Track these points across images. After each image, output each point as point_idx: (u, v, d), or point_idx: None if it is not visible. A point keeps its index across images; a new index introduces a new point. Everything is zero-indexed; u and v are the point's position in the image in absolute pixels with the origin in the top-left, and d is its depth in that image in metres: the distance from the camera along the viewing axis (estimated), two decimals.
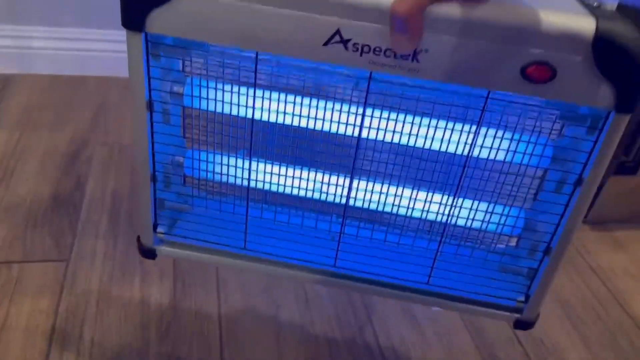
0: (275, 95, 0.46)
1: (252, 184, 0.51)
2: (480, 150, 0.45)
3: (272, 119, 0.47)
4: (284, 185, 0.51)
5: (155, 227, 0.51)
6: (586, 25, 0.37)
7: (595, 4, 0.39)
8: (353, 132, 0.46)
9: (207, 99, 0.46)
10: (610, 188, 1.03)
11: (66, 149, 1.06)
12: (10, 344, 0.69)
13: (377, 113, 0.45)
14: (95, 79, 1.30)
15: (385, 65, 0.40)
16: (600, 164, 0.42)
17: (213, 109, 0.47)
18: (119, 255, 0.83)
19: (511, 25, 0.37)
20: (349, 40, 0.39)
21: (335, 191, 0.50)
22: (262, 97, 0.45)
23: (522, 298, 0.50)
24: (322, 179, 0.50)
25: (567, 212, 0.45)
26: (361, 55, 0.39)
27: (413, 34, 0.37)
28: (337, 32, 0.39)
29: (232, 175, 0.50)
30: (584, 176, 0.43)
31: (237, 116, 0.47)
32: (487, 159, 0.46)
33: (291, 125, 0.47)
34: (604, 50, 0.37)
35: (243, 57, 0.44)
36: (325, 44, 0.39)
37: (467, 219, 0.49)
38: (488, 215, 0.49)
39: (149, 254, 0.53)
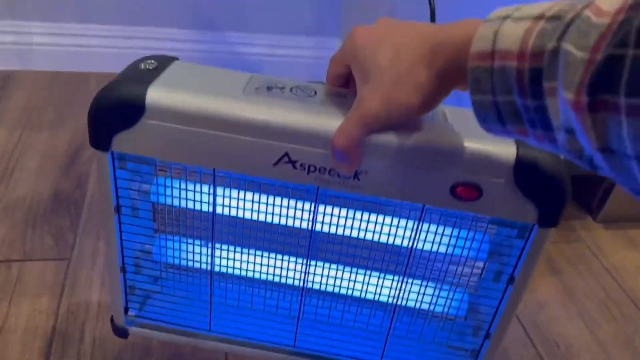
0: (234, 193, 0.50)
1: (217, 268, 0.54)
2: (423, 245, 0.49)
3: (233, 213, 0.51)
4: (246, 269, 0.54)
5: (126, 310, 0.55)
6: (507, 151, 0.41)
7: None
8: (307, 227, 0.50)
9: (172, 197, 0.50)
10: None
11: (67, 147, 1.04)
12: (9, 345, 0.68)
13: (329, 208, 0.49)
14: (97, 75, 1.30)
15: (331, 182, 0.44)
16: (528, 267, 0.46)
17: (178, 204, 0.51)
18: None
19: (440, 151, 0.41)
20: (296, 161, 0.43)
21: (294, 274, 0.54)
22: (223, 196, 0.49)
23: None
24: (282, 263, 0.53)
25: (502, 305, 0.49)
26: (308, 173, 0.43)
27: (352, 162, 0.40)
28: (286, 154, 0.43)
29: (197, 261, 0.54)
30: (515, 275, 0.47)
31: (201, 211, 0.51)
32: (429, 251, 0.50)
33: (250, 218, 0.51)
34: (524, 174, 0.41)
35: None
36: (275, 164, 0.43)
37: (416, 300, 0.53)
38: (435, 297, 0.53)
39: (121, 333, 0.57)
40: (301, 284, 0.54)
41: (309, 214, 0.48)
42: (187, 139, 0.43)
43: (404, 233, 0.48)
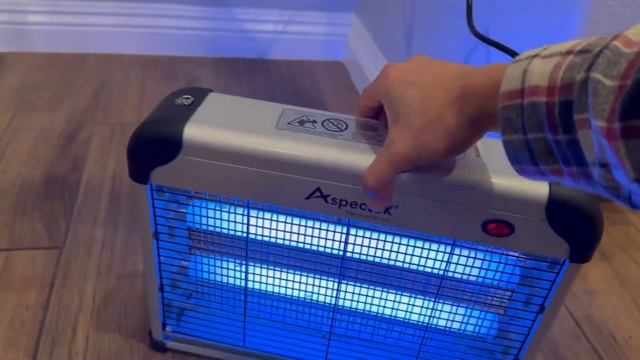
0: (268, 216, 0.51)
1: (250, 285, 0.56)
2: (454, 272, 0.50)
3: (266, 238, 0.52)
4: (279, 288, 0.56)
5: (164, 325, 0.57)
6: (540, 188, 0.41)
7: None
8: (339, 252, 0.51)
9: (207, 224, 0.51)
10: None
11: (63, 129, 0.98)
12: None
13: (361, 232, 0.50)
14: (97, 56, 1.24)
15: (362, 215, 0.44)
16: (558, 299, 0.46)
17: (213, 228, 0.52)
18: (119, 243, 0.74)
19: (471, 188, 0.41)
20: (328, 195, 0.44)
21: (326, 294, 0.55)
22: (256, 224, 0.50)
23: None
24: (312, 288, 0.54)
25: (531, 332, 0.49)
26: (339, 207, 0.44)
27: (382, 200, 0.41)
28: (318, 189, 0.43)
29: (231, 277, 0.55)
30: (545, 305, 0.47)
31: (234, 236, 0.52)
32: (460, 279, 0.50)
33: (283, 244, 0.52)
34: (556, 212, 0.41)
35: None
36: (308, 197, 0.44)
37: (447, 320, 0.54)
38: (466, 318, 0.54)
39: (159, 347, 0.59)
40: (332, 302, 0.55)
41: (339, 244, 0.49)
42: (221, 174, 0.44)
43: (434, 263, 0.49)
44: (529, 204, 0.41)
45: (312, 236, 0.50)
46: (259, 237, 0.52)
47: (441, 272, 0.50)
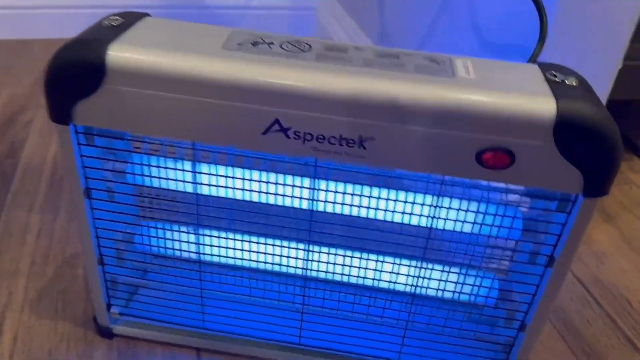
0: (221, 170, 0.43)
1: (208, 256, 0.48)
2: (444, 224, 0.42)
3: (221, 193, 0.44)
4: (242, 257, 0.48)
5: (109, 307, 0.49)
6: (545, 107, 0.34)
7: (558, 79, 0.36)
8: (307, 206, 0.43)
9: (150, 175, 0.43)
10: None
11: (0, 114, 0.90)
12: None
13: (332, 184, 0.42)
14: (41, 42, 1.16)
15: (331, 152, 0.36)
16: (571, 246, 0.38)
17: (158, 185, 0.44)
18: (58, 231, 0.66)
19: (462, 111, 0.34)
20: (289, 128, 0.36)
21: (295, 261, 0.47)
22: (209, 173, 0.42)
23: None
24: (280, 250, 0.47)
25: (539, 291, 0.42)
26: (304, 143, 0.36)
27: None
28: (276, 121, 0.36)
29: (185, 248, 0.48)
30: (555, 256, 0.40)
31: (184, 192, 0.44)
32: (452, 231, 0.43)
33: (242, 199, 0.44)
34: (566, 134, 0.34)
35: None
36: (265, 132, 0.36)
37: (438, 287, 0.46)
38: (460, 283, 0.46)
39: (106, 333, 0.51)
40: (303, 267, 0.47)
41: (309, 192, 0.41)
42: (158, 107, 0.36)
43: (421, 210, 0.41)
44: (532, 125, 0.34)
45: (276, 183, 0.42)
46: (213, 194, 0.44)
47: (428, 225, 0.42)
